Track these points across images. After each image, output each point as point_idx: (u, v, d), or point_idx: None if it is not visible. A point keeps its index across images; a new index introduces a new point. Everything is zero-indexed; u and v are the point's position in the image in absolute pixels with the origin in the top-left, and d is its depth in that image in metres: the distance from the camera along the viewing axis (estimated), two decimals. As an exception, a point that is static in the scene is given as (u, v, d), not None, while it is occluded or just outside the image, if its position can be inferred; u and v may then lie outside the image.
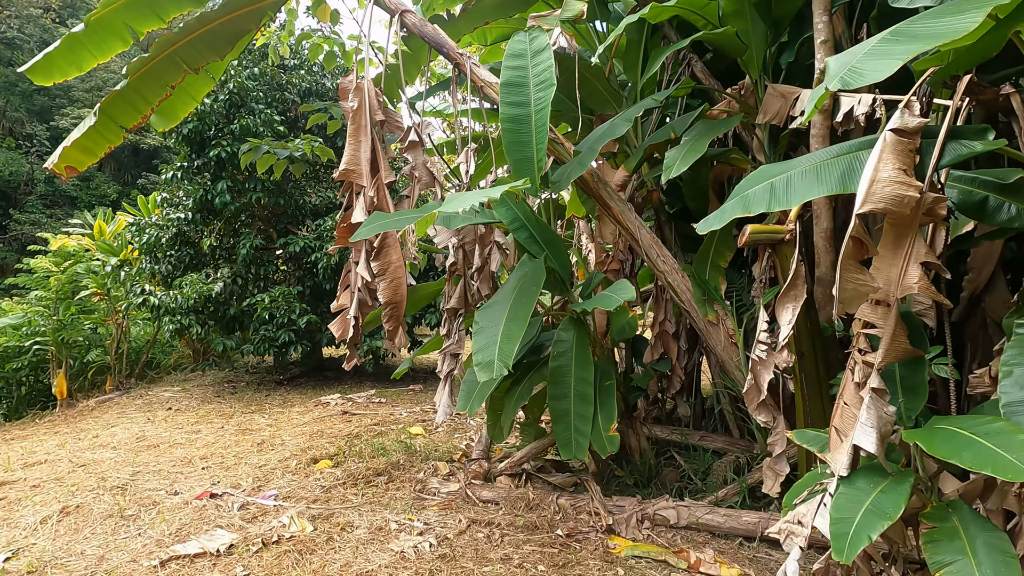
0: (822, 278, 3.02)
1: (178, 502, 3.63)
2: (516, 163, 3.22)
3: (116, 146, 3.69)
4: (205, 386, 8.15)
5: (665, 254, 3.40)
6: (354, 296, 3.54)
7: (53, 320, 7.92)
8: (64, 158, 3.49)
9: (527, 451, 3.94)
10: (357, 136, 3.52)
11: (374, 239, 3.46)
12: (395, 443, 4.81)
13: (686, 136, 3.10)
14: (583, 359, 3.03)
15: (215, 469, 4.40)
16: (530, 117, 3.20)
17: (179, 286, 7.22)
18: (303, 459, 4.44)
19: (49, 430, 6.39)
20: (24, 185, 27.52)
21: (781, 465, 2.90)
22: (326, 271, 7.39)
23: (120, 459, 4.82)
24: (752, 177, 2.15)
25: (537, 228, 3.22)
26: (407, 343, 3.44)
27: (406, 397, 7.28)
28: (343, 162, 3.47)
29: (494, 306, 2.74)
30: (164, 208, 7.92)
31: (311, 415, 6.21)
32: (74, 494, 3.86)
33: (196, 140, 7.23)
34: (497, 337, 2.52)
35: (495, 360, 2.43)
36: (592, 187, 3.46)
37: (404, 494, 3.72)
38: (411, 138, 3.65)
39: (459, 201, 2.38)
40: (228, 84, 7.20)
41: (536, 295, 2.65)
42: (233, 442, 5.19)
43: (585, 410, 2.99)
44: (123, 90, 3.57)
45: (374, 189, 3.51)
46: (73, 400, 7.87)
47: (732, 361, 3.33)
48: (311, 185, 8.47)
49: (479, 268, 3.67)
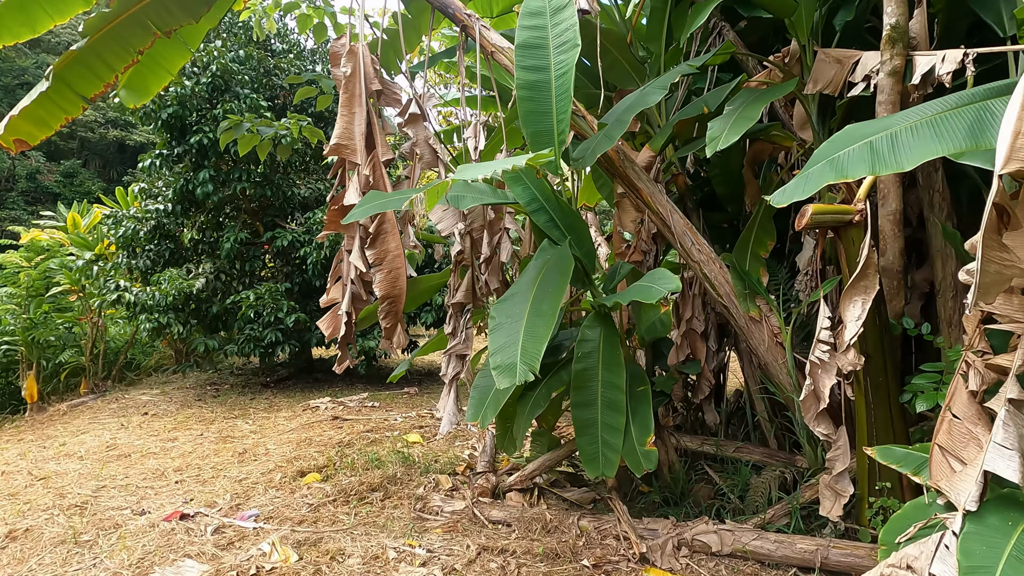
0: (888, 267, 2.63)
1: (143, 524, 3.18)
2: (533, 136, 2.80)
3: (74, 118, 3.24)
4: (186, 389, 7.66)
5: (701, 242, 3.00)
6: (346, 289, 3.11)
7: (23, 319, 7.41)
8: (11, 129, 3.03)
9: (539, 464, 3.53)
10: (350, 106, 3.09)
11: (370, 224, 3.04)
12: (391, 453, 4.37)
13: (729, 106, 2.70)
14: (612, 361, 2.62)
15: (190, 483, 3.95)
16: (549, 83, 2.79)
17: (157, 282, 6.74)
18: (288, 472, 4.00)
19: (13, 437, 5.88)
20: (5, 181, 26.77)
21: (843, 484, 2.50)
22: (316, 267, 6.93)
23: (85, 471, 4.35)
24: (838, 139, 1.75)
25: (558, 210, 2.80)
26: (406, 342, 3.01)
27: (401, 401, 6.84)
28: (334, 136, 3.05)
29: (513, 299, 2.32)
30: (142, 199, 7.43)
31: (299, 421, 5.76)
32: (25, 514, 3.40)
33: (176, 126, 6.74)
34: (519, 336, 2.11)
35: (517, 363, 2.02)
36: (618, 166, 3.05)
37: (403, 513, 3.29)
38: (412, 110, 3.23)
39: (476, 169, 1.97)
40: (211, 66, 6.73)
41: (564, 286, 2.24)
42: (212, 451, 4.73)
43: (615, 420, 2.58)
44: (81, 52, 3.11)
45: (369, 167, 3.09)
46: (44, 404, 7.35)
47: (777, 363, 2.93)
48: (300, 176, 8.01)
49: (487, 258, 3.25)
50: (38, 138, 3.16)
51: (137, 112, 6.56)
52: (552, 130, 2.80)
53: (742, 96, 2.75)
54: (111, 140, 30.30)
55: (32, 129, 3.12)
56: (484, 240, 3.25)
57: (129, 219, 7.17)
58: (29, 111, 3.04)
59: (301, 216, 7.66)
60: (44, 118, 3.14)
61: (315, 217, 7.13)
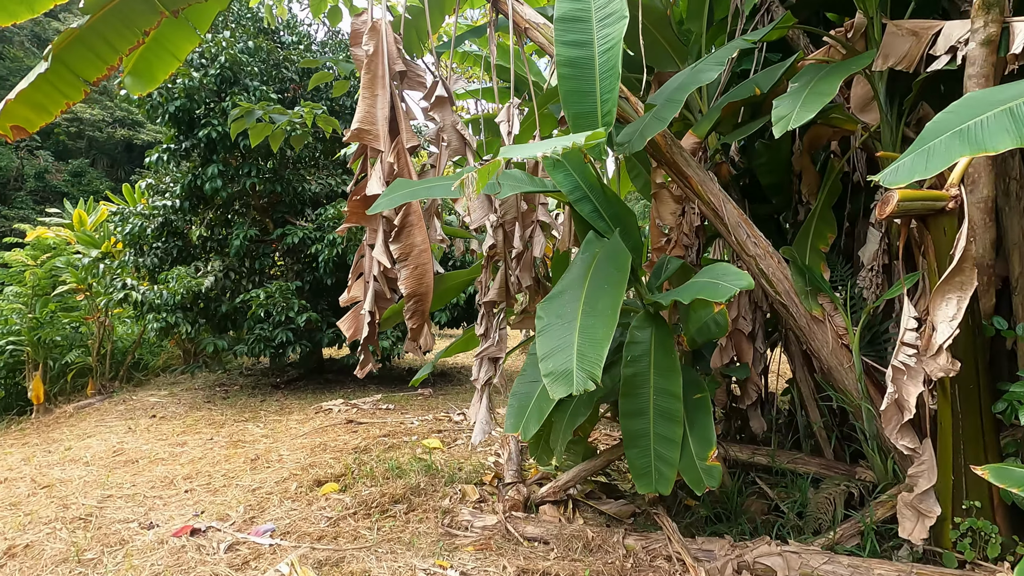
0: (979, 262, 2.36)
1: (151, 540, 2.95)
2: (575, 118, 2.55)
3: (75, 103, 3.01)
4: (195, 390, 7.46)
5: (757, 234, 2.74)
6: (369, 287, 2.87)
7: (29, 318, 7.23)
8: (7, 115, 2.80)
9: (574, 474, 3.28)
10: (372, 88, 2.85)
11: (394, 216, 2.80)
12: (411, 460, 4.13)
13: (794, 83, 2.43)
14: (666, 366, 2.36)
15: (200, 493, 3.72)
16: (592, 60, 2.53)
17: (165, 281, 6.53)
18: (304, 481, 3.77)
19: (18, 440, 5.70)
20: (14, 180, 26.78)
21: (928, 504, 2.24)
22: (328, 264, 6.71)
23: (91, 478, 4.14)
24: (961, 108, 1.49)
25: (603, 200, 2.55)
26: (432, 344, 2.76)
27: (416, 403, 6.61)
28: (356, 120, 2.80)
29: (561, 298, 2.07)
30: (150, 195, 7.23)
31: (312, 424, 5.54)
32: (26, 528, 3.18)
33: (184, 120, 6.53)
34: (572, 339, 1.85)
35: (573, 370, 1.77)
36: (665, 151, 2.79)
37: (429, 528, 3.05)
38: (438, 93, 2.98)
39: (525, 150, 1.72)
40: (219, 57, 6.51)
41: (623, 283, 1.98)
42: (223, 457, 4.51)
43: (670, 431, 2.33)
44: (82, 32, 2.89)
45: (393, 154, 2.84)
46: (51, 405, 7.18)
47: (843, 367, 2.66)
48: (310, 172, 7.79)
49: (519, 254, 3.00)
50: (37, 124, 2.94)
51: (144, 105, 6.36)
52: (595, 111, 2.55)
53: (807, 73, 2.48)
54: (119, 139, 30.30)
55: (30, 115, 2.90)
56: (516, 233, 3.01)
57: (136, 216, 6.97)
58: (27, 95, 2.81)
59: (312, 212, 7.43)
60: (43, 103, 2.92)
61: (326, 213, 6.90)
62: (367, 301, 2.82)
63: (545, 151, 1.67)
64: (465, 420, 5.68)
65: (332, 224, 6.85)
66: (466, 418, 5.78)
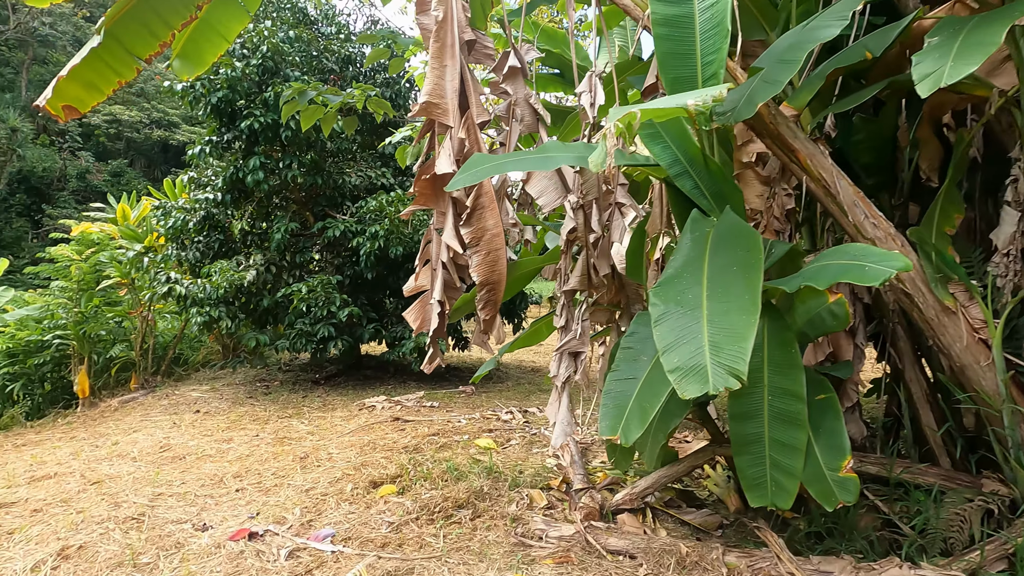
0: None
1: (207, 543, 2.79)
2: (673, 83, 2.28)
3: (127, 82, 2.86)
4: (236, 385, 7.40)
5: (876, 214, 2.42)
6: (437, 275, 2.64)
7: (74, 312, 7.27)
8: (60, 94, 2.66)
9: (654, 480, 3.00)
10: (441, 58, 2.62)
11: (465, 197, 2.56)
12: (469, 461, 3.91)
13: (934, 37, 2.10)
14: (784, 362, 2.07)
15: (252, 492, 3.57)
16: (693, 17, 2.26)
17: (208, 274, 6.46)
18: (359, 481, 3.58)
19: (65, 434, 5.68)
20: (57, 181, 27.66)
21: (1108, 526, 1.90)
22: (369, 258, 6.54)
23: (140, 475, 4.03)
24: None
25: (706, 176, 2.27)
26: (503, 337, 2.52)
27: (459, 400, 6.41)
28: (424, 93, 2.57)
29: (678, 282, 1.79)
30: (191, 189, 7.18)
31: (357, 421, 5.37)
32: (79, 527, 3.06)
33: (226, 111, 6.45)
34: (699, 329, 1.58)
35: (707, 364, 1.49)
36: (768, 122, 2.49)
37: (499, 537, 2.81)
38: (511, 63, 2.73)
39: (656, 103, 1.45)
40: (261, 47, 6.40)
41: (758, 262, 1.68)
42: (271, 455, 4.36)
43: (788, 436, 2.04)
44: (134, 5, 2.73)
45: (464, 129, 2.61)
46: (95, 399, 7.22)
47: (979, 365, 2.33)
48: (348, 164, 7.65)
49: (596, 239, 2.74)
50: (88, 104, 2.79)
51: (187, 96, 6.29)
52: (695, 76, 2.27)
53: (947, 27, 2.15)
54: (155, 140, 31.05)
55: (82, 94, 2.75)
56: (593, 217, 2.74)
57: (178, 210, 6.93)
58: (78, 72, 2.67)
59: (352, 206, 7.29)
60: (94, 81, 2.77)
61: (367, 205, 6.74)
62: (436, 290, 2.59)
63: (681, 103, 1.40)
64: (514, 419, 5.45)
65: (373, 217, 6.69)
66: (515, 417, 5.55)
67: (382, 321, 7.23)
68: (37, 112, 5.04)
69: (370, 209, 6.68)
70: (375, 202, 6.67)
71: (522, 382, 7.59)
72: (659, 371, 2.05)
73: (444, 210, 2.65)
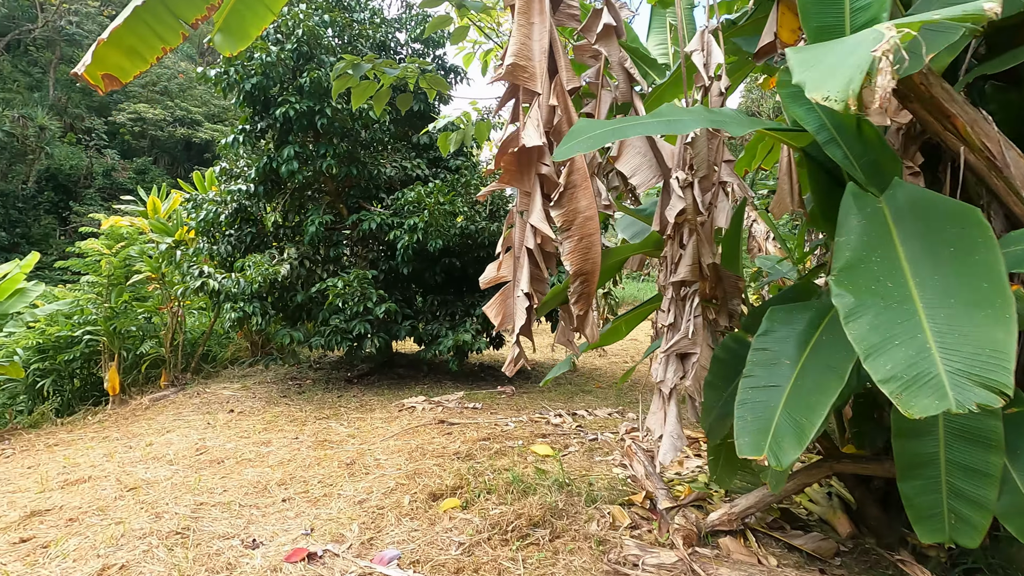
0: None
1: (261, 565, 2.49)
2: (816, 32, 1.91)
3: (171, 49, 2.57)
4: (267, 384, 7.17)
5: (1056, 191, 2.02)
6: (522, 264, 2.30)
7: (105, 308, 7.10)
8: (99, 61, 2.38)
9: (756, 500, 2.64)
10: (528, 15, 2.28)
11: (556, 174, 2.22)
12: (533, 472, 3.57)
13: None
14: (968, 367, 1.70)
15: (299, 503, 3.28)
16: (842, -46, 1.89)
17: (241, 268, 6.22)
18: (416, 492, 3.27)
19: (98, 433, 5.48)
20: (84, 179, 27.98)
21: None
22: (407, 252, 6.25)
23: (178, 480, 3.78)
24: None
25: (858, 143, 1.89)
26: (597, 335, 2.17)
27: (501, 402, 6.08)
28: (509, 54, 2.23)
29: (866, 268, 1.43)
30: (223, 180, 6.96)
31: (398, 423, 5.07)
32: (119, 542, 2.79)
33: (260, 98, 6.20)
34: (916, 326, 1.22)
35: (940, 374, 1.14)
36: (918, 83, 2.10)
37: (585, 562, 2.47)
38: (605, 21, 2.38)
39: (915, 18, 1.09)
40: (297, 30, 6.13)
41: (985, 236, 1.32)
42: (314, 460, 4.08)
43: (977, 459, 1.66)
44: (182, -39, 2.43)
45: (555, 95, 2.26)
46: (126, 396, 7.04)
47: None
48: (383, 155, 7.37)
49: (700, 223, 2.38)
50: (130, 74, 2.51)
51: (220, 83, 6.04)
52: (843, 24, 1.91)
53: None
54: (178, 138, 31.28)
55: (123, 61, 2.47)
56: (697, 197, 2.38)
57: (209, 203, 6.71)
58: (119, 36, 2.38)
59: (387, 197, 7.01)
60: (137, 47, 2.48)
61: (405, 197, 6.44)
62: (522, 281, 2.25)
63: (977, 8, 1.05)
64: (565, 422, 5.10)
65: (412, 209, 6.39)
66: (565, 420, 5.20)
67: (416, 318, 6.94)
68: (64, 108, 4.72)
69: (408, 200, 6.38)
70: (413, 193, 6.37)
71: (562, 382, 7.24)
72: (811, 378, 1.70)
73: (530, 189, 2.31)
